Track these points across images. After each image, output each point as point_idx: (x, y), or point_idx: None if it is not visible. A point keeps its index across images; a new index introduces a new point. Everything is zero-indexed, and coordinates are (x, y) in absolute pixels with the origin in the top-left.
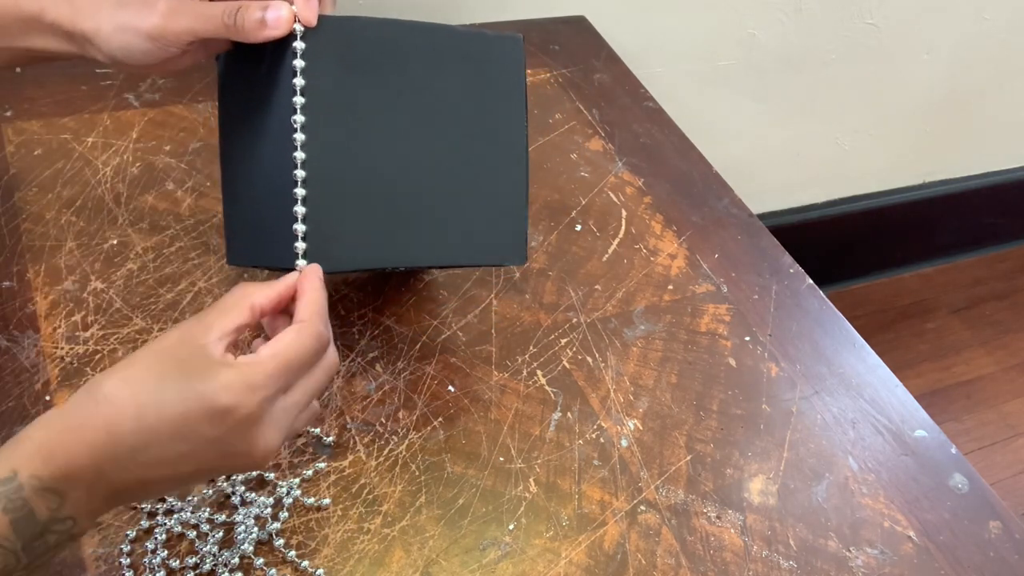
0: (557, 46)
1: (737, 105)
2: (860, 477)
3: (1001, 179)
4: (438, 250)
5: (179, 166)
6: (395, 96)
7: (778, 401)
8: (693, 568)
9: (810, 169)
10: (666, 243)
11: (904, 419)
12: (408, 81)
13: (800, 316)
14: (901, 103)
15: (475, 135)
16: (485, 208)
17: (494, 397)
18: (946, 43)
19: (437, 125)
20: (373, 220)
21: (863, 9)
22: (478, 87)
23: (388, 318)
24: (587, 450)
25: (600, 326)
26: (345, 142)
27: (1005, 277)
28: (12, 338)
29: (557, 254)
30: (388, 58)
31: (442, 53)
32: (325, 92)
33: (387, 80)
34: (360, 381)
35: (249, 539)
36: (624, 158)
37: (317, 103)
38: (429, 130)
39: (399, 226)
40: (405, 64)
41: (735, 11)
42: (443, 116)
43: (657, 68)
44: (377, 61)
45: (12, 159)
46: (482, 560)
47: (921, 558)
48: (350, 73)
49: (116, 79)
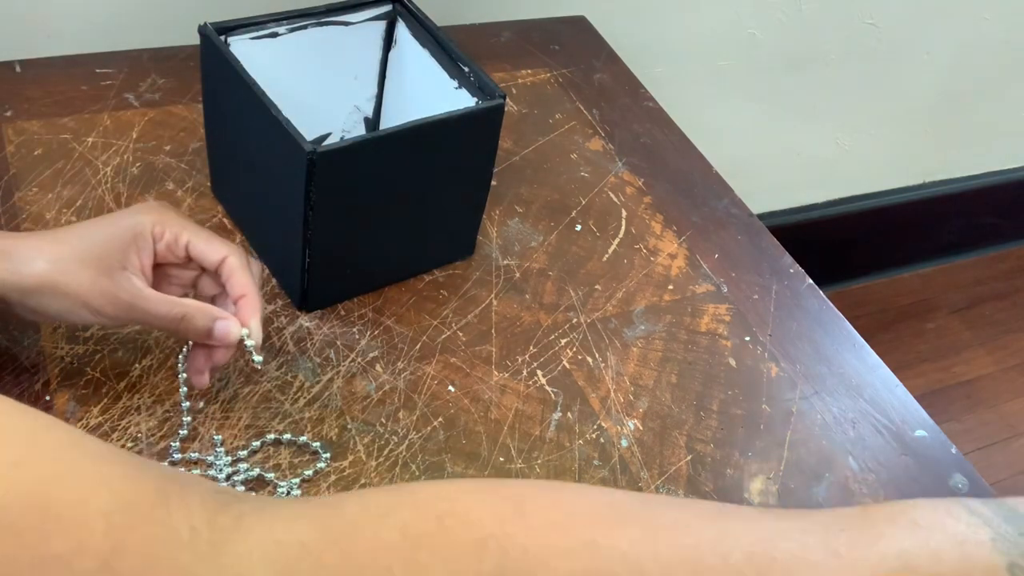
0: (557, 46)
1: (737, 105)
2: (860, 477)
3: (1001, 179)
4: (412, 266)
5: (179, 166)
6: (387, 176)
7: (778, 401)
8: None
9: (810, 169)
10: (666, 243)
11: (904, 419)
12: (397, 177)
13: (800, 316)
14: (901, 103)
15: (451, 179)
16: (449, 225)
17: (494, 397)
18: (946, 43)
19: (420, 184)
20: (360, 263)
21: (863, 9)
22: (459, 151)
23: (388, 318)
24: (587, 450)
25: (600, 326)
26: (344, 218)
27: (1005, 277)
28: (12, 338)
29: (557, 254)
30: (381, 168)
31: (431, 143)
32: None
33: (380, 184)
34: (360, 381)
35: None
36: (624, 158)
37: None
38: (413, 190)
39: (382, 260)
40: (395, 168)
41: (735, 11)
42: (425, 177)
43: (657, 68)
44: (371, 173)
45: (12, 159)
46: None
47: None
48: (348, 186)
49: (116, 79)
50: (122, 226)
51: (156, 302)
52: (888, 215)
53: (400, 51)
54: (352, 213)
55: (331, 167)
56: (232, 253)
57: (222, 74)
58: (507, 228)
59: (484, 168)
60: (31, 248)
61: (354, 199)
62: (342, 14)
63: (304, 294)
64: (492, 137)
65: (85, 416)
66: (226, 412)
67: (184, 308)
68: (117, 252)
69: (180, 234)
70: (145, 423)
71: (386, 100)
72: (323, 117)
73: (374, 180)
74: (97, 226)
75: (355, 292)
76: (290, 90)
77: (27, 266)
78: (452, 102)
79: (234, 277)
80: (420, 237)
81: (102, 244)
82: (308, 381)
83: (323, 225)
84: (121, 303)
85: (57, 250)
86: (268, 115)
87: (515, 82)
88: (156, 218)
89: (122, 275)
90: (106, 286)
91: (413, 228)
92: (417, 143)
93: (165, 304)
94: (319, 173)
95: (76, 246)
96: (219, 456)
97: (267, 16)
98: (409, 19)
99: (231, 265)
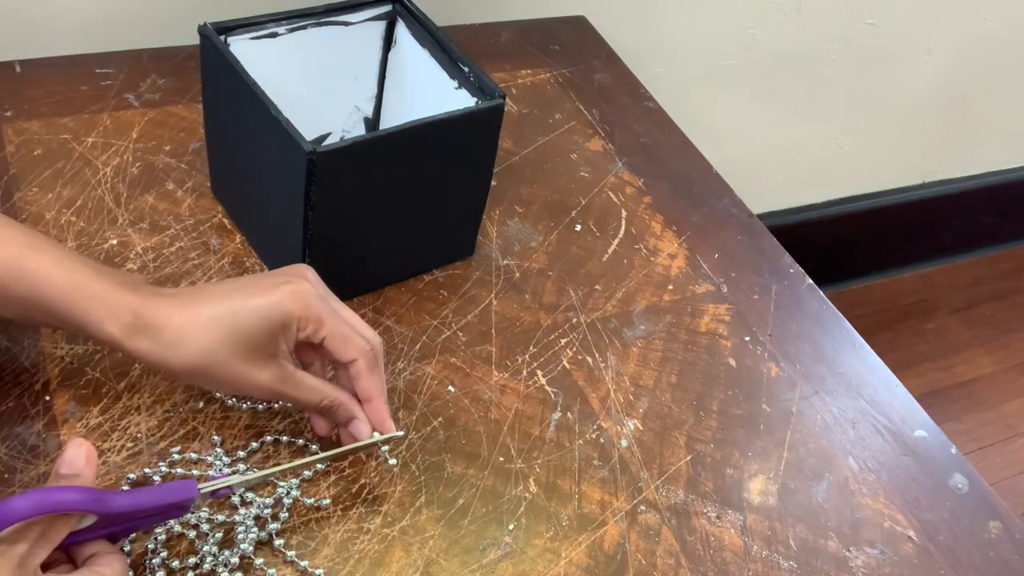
0: (557, 46)
1: (737, 105)
2: (860, 477)
3: (1001, 179)
4: (412, 265)
5: (179, 166)
6: (388, 178)
7: (778, 401)
8: (693, 568)
9: (810, 169)
10: (666, 243)
11: (904, 419)
12: (397, 176)
13: (800, 316)
14: (901, 103)
15: (452, 177)
16: (450, 224)
17: (494, 397)
18: (946, 43)
19: (421, 183)
20: (361, 262)
21: (863, 9)
22: (459, 151)
23: (388, 318)
24: (587, 450)
25: (600, 326)
26: (344, 219)
27: (1005, 277)
28: (12, 338)
29: (557, 254)
30: (383, 159)
31: (431, 143)
32: (330, 195)
33: (380, 184)
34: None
35: (249, 539)
36: (624, 158)
37: (324, 206)
38: (414, 190)
39: (382, 259)
40: (395, 168)
41: (735, 11)
42: (426, 177)
43: (657, 68)
44: (375, 164)
45: (12, 159)
46: (482, 560)
47: (921, 558)
48: (352, 177)
49: (116, 79)
50: (273, 318)
51: (307, 391)
52: (888, 215)
53: (400, 51)
54: (352, 213)
55: (331, 167)
56: (362, 355)
57: (222, 74)
58: (507, 228)
59: (484, 168)
60: (180, 329)
61: (354, 199)
62: (342, 14)
63: None
64: (492, 137)
65: (85, 416)
66: (226, 412)
67: (331, 401)
68: (268, 342)
69: (319, 330)
70: (145, 423)
71: (386, 100)
72: (323, 117)
73: (374, 180)
74: (246, 309)
75: (356, 292)
76: (290, 90)
77: (176, 351)
78: (452, 102)
79: (361, 381)
80: (420, 237)
81: (255, 334)
82: None
83: (323, 225)
84: (271, 392)
85: (208, 339)
86: (268, 115)
87: (515, 82)
88: (302, 312)
89: (274, 363)
90: (256, 378)
91: (413, 228)
92: (417, 143)
93: (315, 394)
94: (319, 173)
95: (228, 333)
96: (219, 456)
97: (267, 16)
98: (409, 19)
99: (359, 368)
